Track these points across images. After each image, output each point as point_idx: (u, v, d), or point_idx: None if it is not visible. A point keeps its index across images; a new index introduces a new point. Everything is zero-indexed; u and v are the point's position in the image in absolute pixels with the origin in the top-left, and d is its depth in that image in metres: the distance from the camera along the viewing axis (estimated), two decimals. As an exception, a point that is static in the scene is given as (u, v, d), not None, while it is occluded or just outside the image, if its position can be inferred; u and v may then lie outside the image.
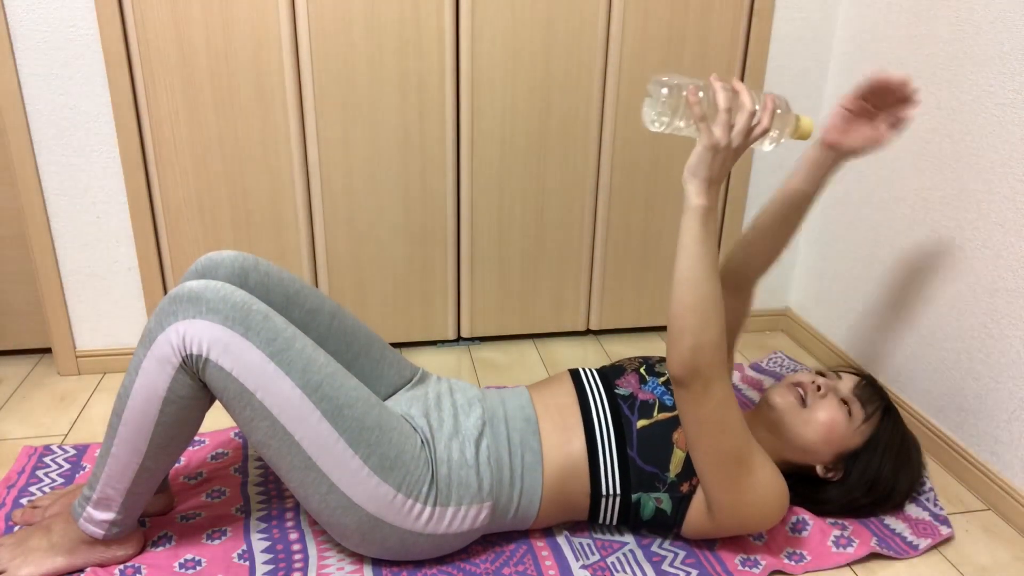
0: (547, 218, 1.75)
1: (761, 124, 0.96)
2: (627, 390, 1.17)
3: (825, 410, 1.16)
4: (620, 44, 1.62)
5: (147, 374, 0.97)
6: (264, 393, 0.98)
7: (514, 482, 1.10)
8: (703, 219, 0.98)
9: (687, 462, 1.10)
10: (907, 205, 1.51)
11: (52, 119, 1.49)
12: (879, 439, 1.16)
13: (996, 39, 1.28)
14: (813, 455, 1.17)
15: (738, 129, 0.95)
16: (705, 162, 0.97)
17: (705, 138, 0.96)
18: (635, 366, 1.23)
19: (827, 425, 1.15)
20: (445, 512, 1.06)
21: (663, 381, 1.18)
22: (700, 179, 0.97)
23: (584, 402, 1.16)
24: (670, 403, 1.14)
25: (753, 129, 0.96)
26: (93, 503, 1.04)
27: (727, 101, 0.95)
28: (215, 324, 0.96)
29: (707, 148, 0.96)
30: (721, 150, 0.96)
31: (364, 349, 1.21)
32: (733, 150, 0.96)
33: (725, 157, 0.97)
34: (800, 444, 1.16)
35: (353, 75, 1.55)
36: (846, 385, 1.19)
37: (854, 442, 1.16)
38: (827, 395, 1.17)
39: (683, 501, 1.10)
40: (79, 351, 1.66)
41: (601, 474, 1.11)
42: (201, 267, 1.12)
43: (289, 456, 1.01)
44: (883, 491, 1.20)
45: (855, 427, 1.16)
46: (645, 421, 1.12)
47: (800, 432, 1.16)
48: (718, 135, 0.95)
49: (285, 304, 1.14)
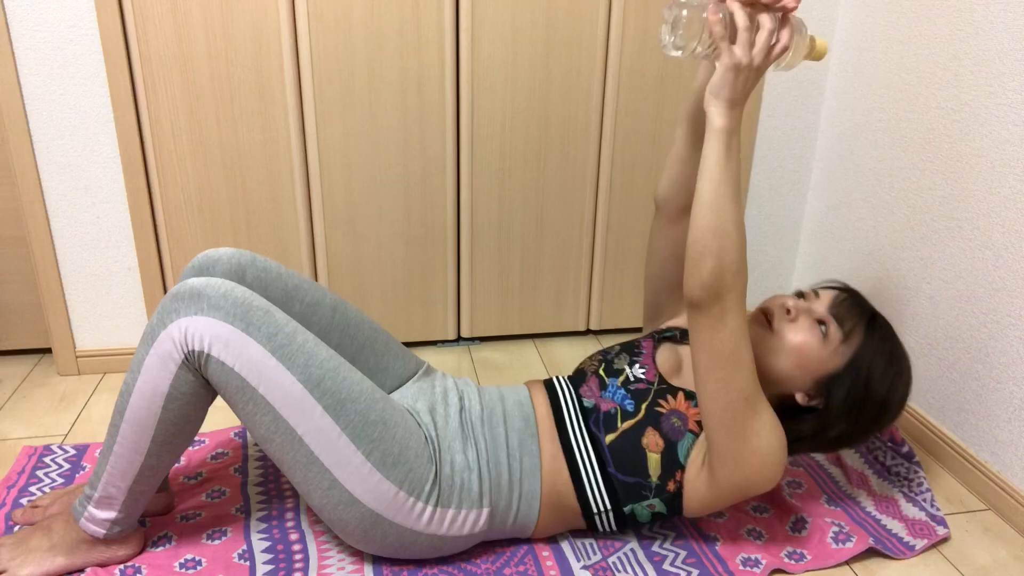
0: (547, 218, 1.75)
1: (780, 42, 0.96)
2: (591, 401, 1.14)
3: (795, 333, 1.09)
4: (620, 44, 1.62)
5: (149, 371, 0.97)
6: (266, 388, 0.98)
7: (512, 487, 1.10)
8: (726, 141, 0.97)
9: (664, 462, 1.07)
10: (907, 205, 1.51)
11: (52, 119, 1.49)
12: (862, 358, 1.08)
13: (996, 39, 1.28)
14: (790, 383, 1.10)
15: (759, 47, 0.95)
16: (728, 82, 0.96)
17: (727, 58, 0.95)
18: (595, 367, 1.19)
19: (798, 349, 1.08)
20: (446, 514, 1.06)
21: (622, 381, 1.14)
22: (723, 100, 0.97)
23: (560, 420, 1.14)
24: (631, 408, 1.10)
25: (773, 47, 0.96)
26: (95, 502, 1.04)
27: (746, 20, 0.94)
28: (216, 320, 0.96)
29: (729, 68, 0.95)
30: (743, 69, 0.95)
31: (368, 341, 1.20)
32: (755, 69, 0.96)
33: (747, 77, 0.96)
34: (775, 373, 1.10)
35: (353, 75, 1.55)
36: (822, 304, 1.11)
37: (833, 364, 1.08)
38: (797, 317, 1.10)
39: (675, 498, 1.09)
40: (79, 351, 1.66)
41: (588, 494, 1.11)
42: (198, 264, 1.12)
43: (291, 451, 1.01)
44: (871, 413, 1.10)
45: (832, 348, 1.08)
46: (612, 435, 1.10)
47: (772, 360, 1.09)
48: (739, 54, 0.94)
49: (285, 299, 1.13)
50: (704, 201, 0.98)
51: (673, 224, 1.24)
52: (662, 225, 1.26)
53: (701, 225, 0.98)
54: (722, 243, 0.97)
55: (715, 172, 0.97)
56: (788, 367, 1.09)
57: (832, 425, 1.11)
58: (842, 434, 1.12)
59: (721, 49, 0.95)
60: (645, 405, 1.10)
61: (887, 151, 1.57)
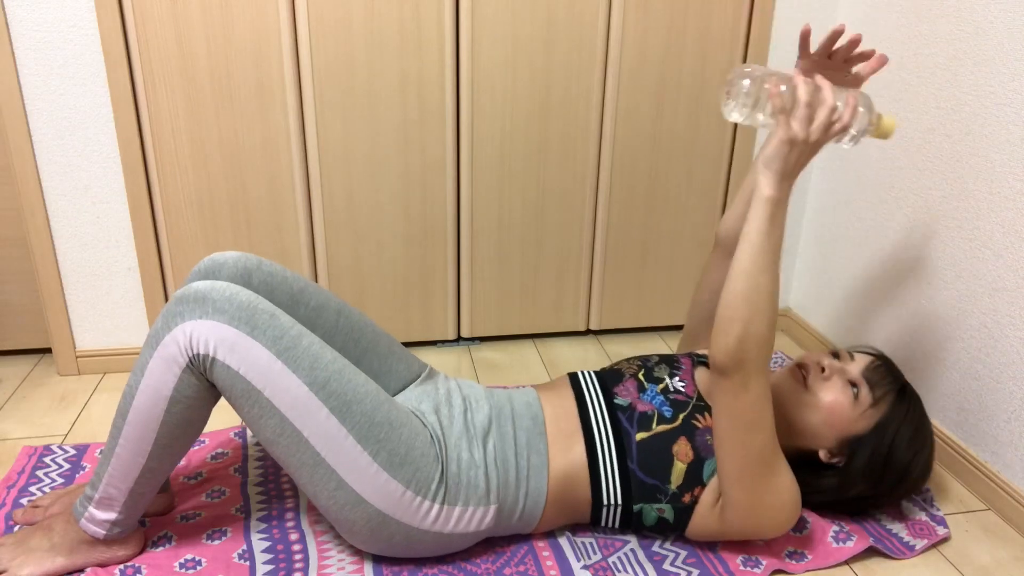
0: (547, 218, 1.75)
1: (841, 120, 0.96)
2: (626, 400, 1.15)
3: (827, 392, 1.12)
4: (620, 44, 1.62)
5: (153, 374, 0.97)
6: (272, 391, 0.98)
7: (520, 484, 1.10)
8: (771, 211, 0.98)
9: (688, 473, 1.09)
10: (907, 205, 1.51)
11: (52, 119, 1.49)
12: (889, 424, 1.11)
13: (996, 39, 1.28)
14: (815, 439, 1.14)
15: (817, 124, 0.95)
16: (781, 155, 0.96)
17: (783, 131, 0.96)
18: (633, 371, 1.21)
19: (828, 408, 1.12)
20: (452, 512, 1.06)
21: (661, 389, 1.16)
22: (773, 171, 0.97)
23: (584, 411, 1.15)
24: (669, 415, 1.12)
25: (833, 124, 0.96)
26: (95, 503, 1.04)
27: (808, 95, 0.95)
28: (221, 324, 0.96)
29: (784, 141, 0.96)
30: (798, 144, 0.95)
31: (371, 344, 1.21)
32: (811, 144, 0.96)
33: (802, 151, 0.96)
34: (801, 427, 1.14)
35: (353, 75, 1.55)
36: (857, 366, 1.15)
37: (860, 426, 1.12)
38: (831, 376, 1.13)
39: (686, 511, 1.10)
40: (79, 351, 1.66)
41: (602, 485, 1.11)
42: (204, 268, 1.12)
43: (298, 453, 1.01)
44: (890, 481, 1.14)
45: (861, 411, 1.11)
46: (644, 434, 1.11)
47: (801, 415, 1.13)
48: (796, 129, 0.95)
49: (290, 303, 1.14)
50: (741, 267, 0.99)
51: (729, 259, 1.26)
52: (718, 259, 1.29)
53: (734, 289, 0.99)
54: (752, 312, 0.98)
55: (756, 240, 0.99)
56: (816, 423, 1.12)
57: (851, 485, 1.14)
58: (860, 496, 1.16)
59: (779, 122, 0.96)
60: (683, 415, 1.12)
61: (887, 151, 1.57)
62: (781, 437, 1.15)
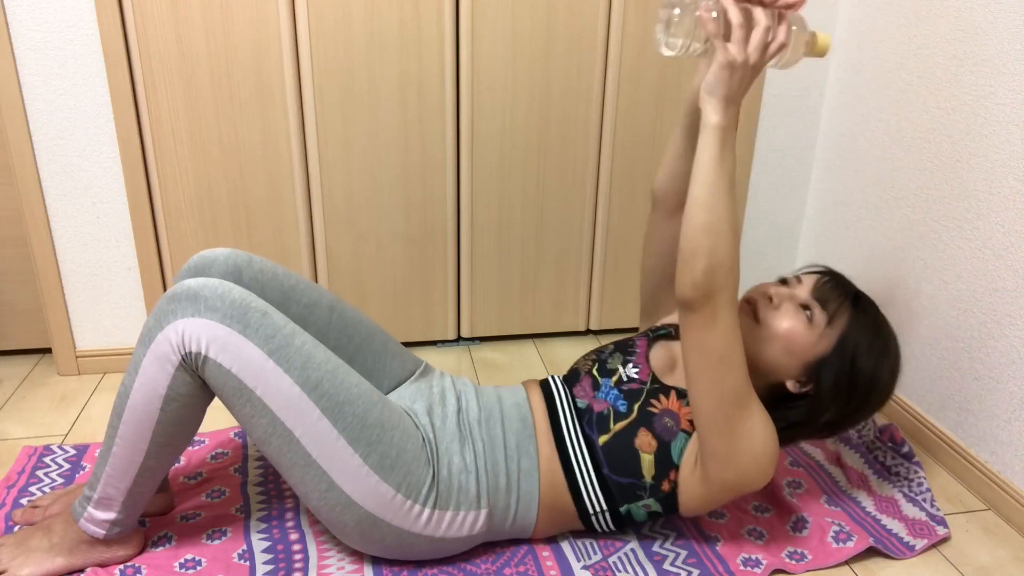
0: (547, 218, 1.75)
1: (777, 39, 0.95)
2: (584, 401, 1.14)
3: (780, 320, 1.08)
4: (620, 44, 1.62)
5: (147, 373, 0.97)
6: (263, 390, 0.98)
7: (510, 488, 1.10)
8: (720, 139, 0.96)
9: (658, 462, 1.07)
10: (907, 205, 1.51)
11: (52, 119, 1.49)
12: (848, 338, 1.07)
13: (996, 39, 1.28)
14: (779, 370, 1.09)
15: (754, 44, 0.94)
16: (722, 80, 0.95)
17: (721, 55, 0.94)
18: (588, 367, 1.19)
19: (784, 336, 1.07)
20: (444, 516, 1.06)
21: (615, 382, 1.14)
22: (717, 97, 0.95)
23: (555, 421, 1.14)
24: (624, 408, 1.10)
25: (769, 44, 0.95)
26: (94, 503, 1.04)
27: (740, 16, 0.93)
28: (213, 322, 0.96)
29: (723, 66, 0.94)
30: (738, 67, 0.94)
31: (366, 341, 1.20)
32: (751, 67, 0.95)
33: (743, 75, 0.95)
34: (763, 362, 1.09)
35: (353, 75, 1.55)
36: (805, 289, 1.11)
37: (821, 347, 1.07)
38: (781, 304, 1.09)
39: (670, 497, 1.09)
40: (79, 351, 1.66)
41: (584, 495, 1.11)
42: (195, 265, 1.12)
43: (289, 453, 1.01)
44: (860, 393, 1.09)
45: (819, 332, 1.07)
46: (605, 436, 1.09)
47: (760, 350, 1.08)
48: (734, 52, 0.93)
49: (282, 300, 1.13)
50: (697, 199, 0.97)
51: (670, 218, 1.23)
52: (659, 219, 1.25)
53: (694, 223, 0.97)
54: (715, 242, 0.96)
55: (709, 170, 0.96)
56: (776, 355, 1.08)
57: (823, 409, 1.09)
58: (834, 418, 1.11)
59: (716, 47, 0.94)
60: (637, 405, 1.10)
61: (887, 151, 1.57)
62: None
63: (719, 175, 0.96)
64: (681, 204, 1.20)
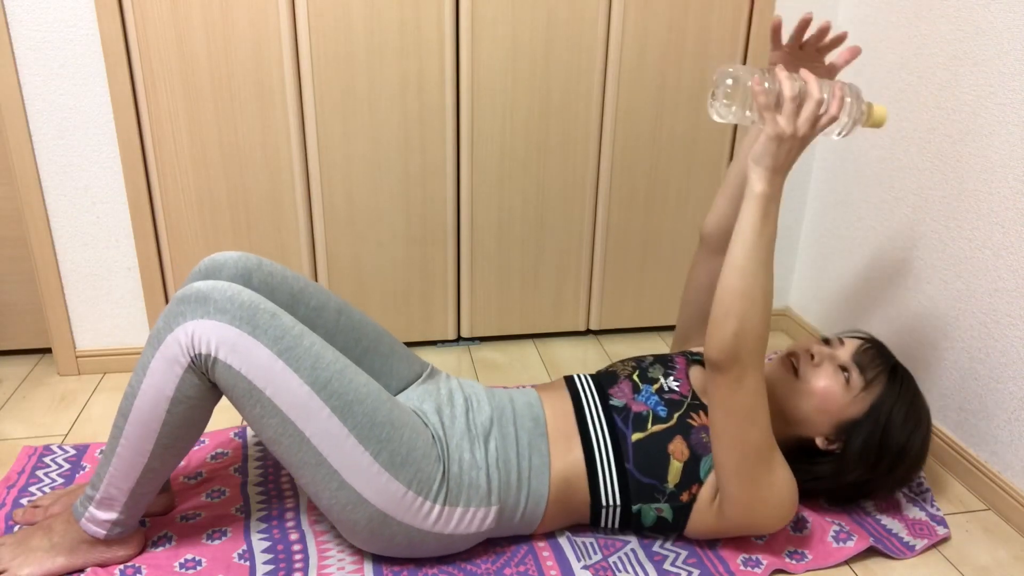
0: (547, 218, 1.75)
1: (829, 112, 0.96)
2: (621, 401, 1.15)
3: (818, 378, 1.12)
4: (620, 45, 1.62)
5: (155, 374, 0.97)
6: (273, 391, 0.98)
7: (521, 485, 1.10)
8: (764, 207, 0.98)
9: (685, 472, 1.09)
10: (907, 205, 1.51)
11: (52, 119, 1.49)
12: (882, 406, 1.11)
13: (996, 39, 1.28)
14: (811, 426, 1.14)
15: (804, 117, 0.95)
16: (770, 152, 0.96)
17: (771, 127, 0.95)
18: (628, 372, 1.21)
19: (821, 394, 1.11)
20: (454, 512, 1.06)
21: (656, 389, 1.16)
22: (764, 167, 0.97)
23: (580, 413, 1.15)
24: (664, 414, 1.12)
25: (820, 117, 0.96)
26: (96, 503, 1.04)
27: (793, 90, 0.94)
28: (223, 323, 0.96)
29: (772, 138, 0.96)
30: (787, 139, 0.95)
31: (373, 344, 1.21)
32: (800, 139, 0.96)
33: (791, 146, 0.96)
34: (796, 416, 1.14)
35: (353, 76, 1.55)
36: (846, 351, 1.15)
37: (854, 411, 1.11)
38: (822, 363, 1.13)
39: (684, 509, 1.11)
40: (79, 351, 1.66)
41: (600, 486, 1.11)
42: (205, 268, 1.12)
43: (299, 453, 1.01)
44: (887, 463, 1.13)
45: (853, 395, 1.11)
46: (640, 434, 1.11)
47: (794, 403, 1.13)
48: (783, 124, 0.95)
49: (291, 302, 1.14)
50: (735, 264, 0.99)
51: (713, 256, 1.27)
52: (704, 256, 1.29)
53: (729, 286, 0.99)
54: (747, 307, 0.98)
55: (749, 236, 0.98)
56: (810, 411, 1.12)
57: (849, 471, 1.14)
58: (859, 482, 1.15)
59: (765, 119, 0.96)
60: (678, 415, 1.12)
61: (887, 151, 1.57)
62: (777, 427, 1.14)
63: (758, 243, 0.98)
64: (726, 244, 1.21)
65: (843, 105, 0.97)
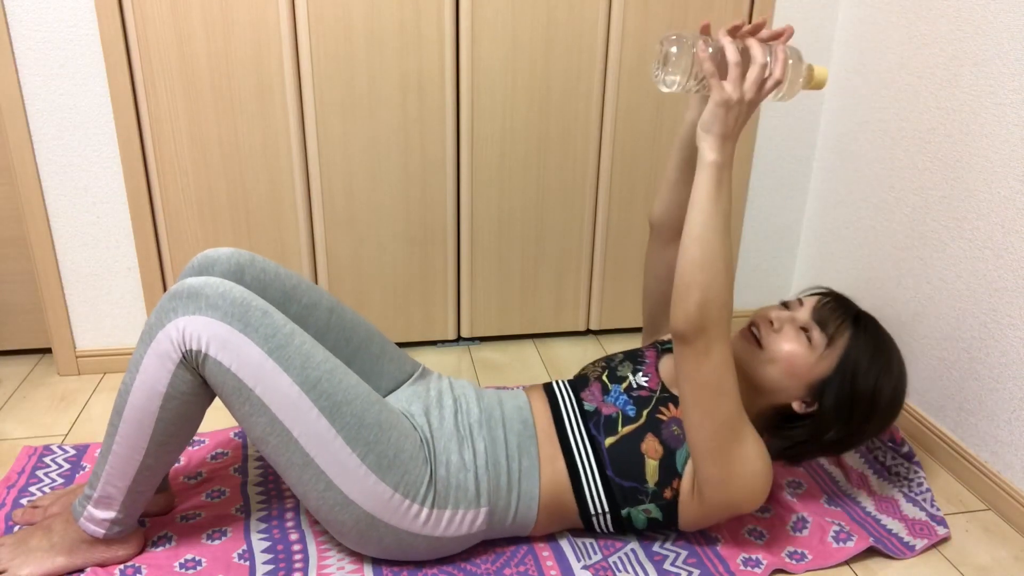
0: (547, 218, 1.75)
1: (773, 75, 0.97)
2: (592, 405, 1.15)
3: (781, 343, 1.10)
4: (620, 44, 1.62)
5: (147, 370, 0.97)
6: (262, 389, 0.98)
7: (511, 487, 1.10)
8: (717, 175, 0.97)
9: (662, 468, 1.08)
10: (907, 205, 1.51)
11: (52, 119, 1.49)
12: (847, 358, 1.09)
13: (996, 39, 1.28)
14: (783, 393, 1.11)
15: (750, 82, 0.95)
16: (719, 118, 0.96)
17: (717, 93, 0.95)
18: (598, 373, 1.20)
19: (785, 359, 1.09)
20: (442, 515, 1.06)
21: (625, 388, 1.15)
22: (714, 135, 0.97)
23: (560, 423, 1.14)
24: (632, 413, 1.11)
25: (766, 81, 0.96)
26: (94, 502, 1.04)
27: (736, 55, 0.95)
28: (214, 320, 0.96)
29: (719, 103, 0.96)
30: (734, 104, 0.95)
31: (364, 344, 1.20)
32: (747, 103, 0.96)
33: (739, 112, 0.96)
34: (767, 385, 1.12)
35: (353, 75, 1.55)
36: (805, 311, 1.13)
37: (822, 368, 1.09)
38: (782, 327, 1.11)
39: (671, 505, 1.10)
40: (79, 351, 1.66)
41: (586, 494, 1.11)
42: (198, 264, 1.12)
43: (287, 452, 1.01)
44: (861, 411, 1.10)
45: (819, 353, 1.09)
46: (612, 438, 1.10)
47: (762, 373, 1.11)
48: (729, 90, 0.95)
49: (283, 300, 1.14)
50: (693, 235, 0.99)
51: (667, 246, 1.26)
52: (657, 246, 1.28)
53: (689, 258, 0.99)
54: (709, 277, 0.98)
55: (705, 206, 0.98)
56: (779, 377, 1.11)
57: (826, 428, 1.12)
58: (839, 436, 1.13)
59: (712, 85, 0.96)
60: (647, 411, 1.11)
61: (887, 151, 1.57)
62: (750, 399, 1.13)
63: (715, 211, 0.98)
64: (677, 233, 1.22)
65: (786, 68, 0.97)
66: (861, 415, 1.11)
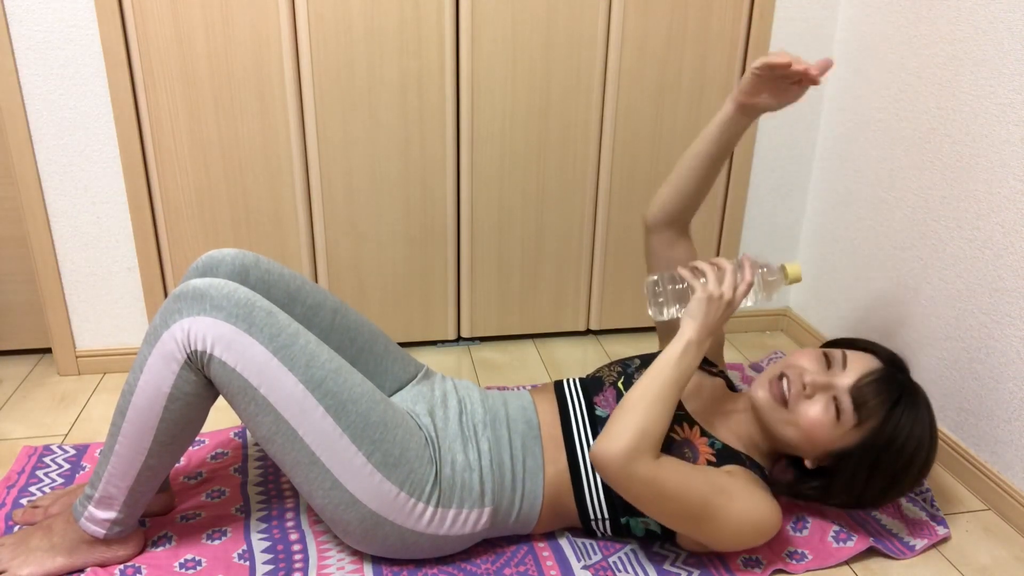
0: (547, 218, 1.75)
1: (745, 279, 1.07)
2: (605, 411, 1.14)
3: (807, 410, 1.07)
4: (620, 45, 1.62)
5: (152, 371, 0.97)
6: (268, 389, 0.98)
7: (515, 487, 1.10)
8: (685, 349, 1.04)
9: None
10: (907, 205, 1.51)
11: (52, 119, 1.49)
12: (876, 440, 1.05)
13: (996, 39, 1.28)
14: (798, 451, 1.11)
15: (727, 283, 1.05)
16: (702, 309, 1.05)
17: (700, 292, 1.05)
18: (613, 379, 1.19)
19: (807, 428, 1.07)
20: (447, 514, 1.06)
21: None
22: (698, 322, 1.05)
23: (567, 425, 1.14)
24: None
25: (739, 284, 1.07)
26: (95, 502, 1.04)
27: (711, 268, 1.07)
28: (219, 320, 0.96)
29: (702, 300, 1.05)
30: (715, 299, 1.05)
31: (368, 344, 1.21)
32: (726, 302, 1.05)
33: (719, 307, 1.05)
34: (782, 442, 1.11)
35: (353, 75, 1.55)
36: (847, 379, 1.07)
37: (844, 442, 1.07)
38: (814, 395, 1.07)
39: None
40: (79, 351, 1.66)
41: (587, 498, 1.11)
42: (202, 265, 1.12)
43: (293, 452, 1.01)
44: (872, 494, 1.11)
45: (845, 429, 1.06)
46: None
47: (781, 431, 1.10)
48: (711, 287, 1.05)
49: (287, 301, 1.14)
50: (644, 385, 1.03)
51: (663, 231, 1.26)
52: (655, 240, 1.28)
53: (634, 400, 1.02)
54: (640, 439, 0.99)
55: (664, 366, 1.04)
56: (796, 439, 1.10)
57: (835, 494, 1.13)
58: (846, 504, 1.15)
59: (695, 287, 1.06)
60: None
61: (887, 151, 1.57)
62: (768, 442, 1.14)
63: (671, 377, 1.04)
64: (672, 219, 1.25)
65: (755, 271, 1.10)
66: (872, 495, 1.12)
